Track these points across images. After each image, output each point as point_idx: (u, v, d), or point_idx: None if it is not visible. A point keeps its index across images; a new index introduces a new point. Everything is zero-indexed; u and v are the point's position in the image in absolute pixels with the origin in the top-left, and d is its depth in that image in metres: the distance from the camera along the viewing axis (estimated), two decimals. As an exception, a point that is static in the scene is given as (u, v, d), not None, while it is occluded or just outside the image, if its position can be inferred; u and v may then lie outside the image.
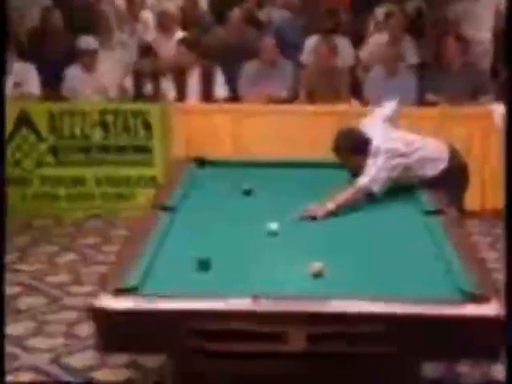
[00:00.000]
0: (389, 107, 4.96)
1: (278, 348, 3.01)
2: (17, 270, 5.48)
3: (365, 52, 7.70)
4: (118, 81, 7.18)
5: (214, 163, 5.14)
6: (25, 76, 6.96)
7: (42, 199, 6.80)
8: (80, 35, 7.17)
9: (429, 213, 4.08)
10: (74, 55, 7.15)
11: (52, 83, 7.13)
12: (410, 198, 4.41)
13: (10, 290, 4.81)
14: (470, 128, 6.58)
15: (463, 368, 4.04)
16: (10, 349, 4.17)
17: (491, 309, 2.95)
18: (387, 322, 2.95)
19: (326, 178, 4.67)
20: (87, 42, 7.12)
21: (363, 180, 4.36)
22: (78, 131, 6.74)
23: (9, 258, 5.32)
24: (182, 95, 7.02)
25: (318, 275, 3.31)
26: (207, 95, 7.02)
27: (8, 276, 4.60)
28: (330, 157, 4.61)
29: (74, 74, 7.13)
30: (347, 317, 2.96)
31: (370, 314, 2.96)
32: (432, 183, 4.52)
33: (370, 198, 4.33)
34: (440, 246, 3.61)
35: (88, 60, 7.09)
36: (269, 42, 7.19)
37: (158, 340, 3.02)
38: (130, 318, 2.99)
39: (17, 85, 6.79)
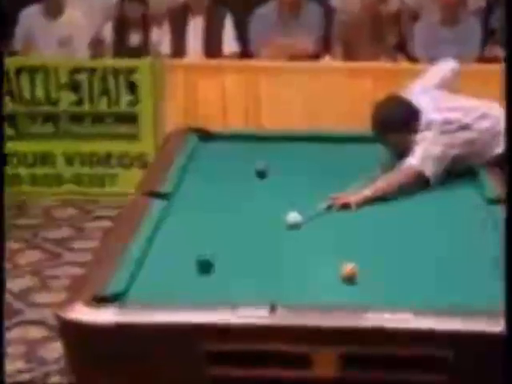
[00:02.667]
0: (445, 66, 4.96)
1: (300, 374, 3.03)
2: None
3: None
4: (93, 29, 7.17)
5: (220, 136, 5.18)
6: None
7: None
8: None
9: (494, 201, 4.11)
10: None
11: (5, 32, 7.11)
12: (472, 182, 4.44)
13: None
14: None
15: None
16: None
17: None
18: (441, 341, 2.96)
19: (363, 157, 4.69)
20: None
21: (412, 161, 4.37)
22: (41, 94, 6.78)
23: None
24: (180, 49, 7.05)
25: (351, 280, 3.34)
26: (214, 49, 7.05)
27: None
28: (369, 129, 4.61)
29: (31, 18, 7.11)
30: (390, 334, 2.98)
31: (418, 330, 2.97)
32: (499, 163, 4.53)
33: (421, 184, 4.35)
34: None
35: (51, 1, 7.08)
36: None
37: (148, 364, 3.03)
38: (111, 335, 3.02)
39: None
